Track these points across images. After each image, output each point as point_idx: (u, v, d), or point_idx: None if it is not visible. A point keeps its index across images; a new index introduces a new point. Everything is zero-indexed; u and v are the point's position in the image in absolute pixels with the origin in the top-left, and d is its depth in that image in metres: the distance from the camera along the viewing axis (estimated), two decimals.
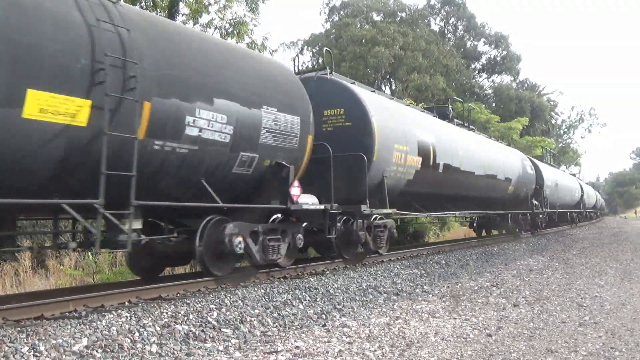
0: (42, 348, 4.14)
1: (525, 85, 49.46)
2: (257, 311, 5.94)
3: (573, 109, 68.00)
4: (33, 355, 4.04)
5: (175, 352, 4.56)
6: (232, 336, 5.17)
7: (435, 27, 44.02)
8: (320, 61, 32.76)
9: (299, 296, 6.82)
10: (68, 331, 4.51)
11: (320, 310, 6.48)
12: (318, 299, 6.91)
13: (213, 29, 14.47)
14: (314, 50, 36.16)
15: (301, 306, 6.48)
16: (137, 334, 4.73)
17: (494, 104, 42.67)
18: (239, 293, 6.45)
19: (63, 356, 4.13)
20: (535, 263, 12.49)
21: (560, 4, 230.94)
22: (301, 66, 16.74)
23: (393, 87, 33.51)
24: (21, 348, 4.08)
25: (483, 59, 47.56)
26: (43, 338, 4.31)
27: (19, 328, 4.50)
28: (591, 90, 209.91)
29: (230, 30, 14.15)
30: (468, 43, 46.17)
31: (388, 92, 28.34)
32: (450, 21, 46.31)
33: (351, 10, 37.12)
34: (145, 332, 4.79)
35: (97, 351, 4.29)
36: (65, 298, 5.47)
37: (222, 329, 5.29)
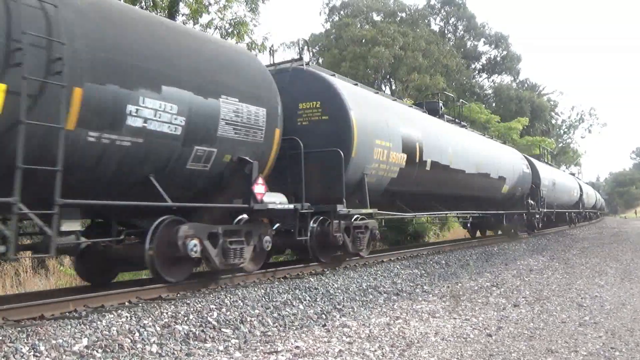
0: (42, 348, 4.14)
1: (525, 85, 49.50)
2: (257, 311, 5.94)
3: (573, 109, 67.88)
4: (33, 355, 4.04)
5: (175, 352, 4.57)
6: (232, 336, 5.18)
7: (435, 27, 44.08)
8: (320, 61, 32.80)
9: (299, 296, 6.82)
10: (68, 331, 4.51)
11: (320, 310, 6.48)
12: (318, 299, 6.91)
13: (213, 29, 14.49)
14: (314, 50, 36.18)
15: (301, 306, 6.49)
16: (137, 334, 4.73)
17: (494, 104, 42.68)
18: (239, 293, 6.45)
19: (63, 356, 4.13)
20: (535, 263, 12.49)
21: (560, 4, 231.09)
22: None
23: (393, 87, 33.52)
24: (21, 348, 4.08)
25: (483, 59, 47.64)
26: (43, 338, 4.31)
27: (19, 328, 4.50)
28: (591, 90, 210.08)
29: (230, 30, 14.16)
30: (468, 43, 46.20)
31: (388, 92, 28.36)
32: (450, 21, 46.36)
33: (351, 10, 37.13)
34: (145, 332, 4.80)
35: (97, 351, 4.30)
36: (65, 298, 5.45)
37: (222, 329, 5.29)
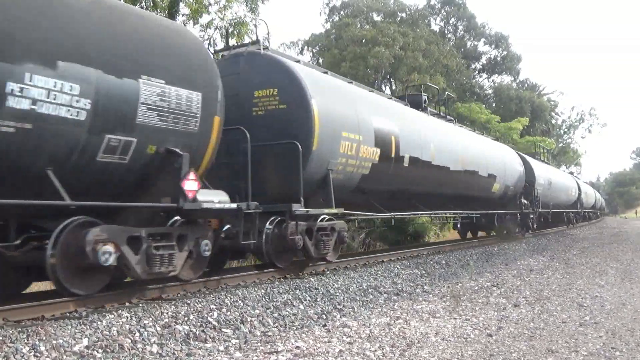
0: (43, 348, 4.14)
1: (525, 85, 49.48)
2: (258, 311, 5.94)
3: (573, 109, 67.81)
4: (33, 355, 4.04)
5: (175, 352, 4.57)
6: (233, 336, 5.18)
7: (435, 27, 44.03)
8: (320, 61, 32.79)
9: (300, 296, 6.82)
10: (68, 331, 4.51)
11: (320, 310, 6.49)
12: (318, 299, 6.91)
13: (213, 29, 14.51)
14: (314, 50, 36.18)
15: (301, 306, 6.49)
16: (138, 334, 4.73)
17: (494, 104, 42.67)
18: (239, 293, 6.45)
19: (63, 356, 4.13)
20: (535, 263, 12.50)
21: (560, 4, 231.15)
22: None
23: (393, 87, 33.51)
24: (22, 348, 4.08)
25: (483, 59, 47.57)
26: (43, 338, 4.31)
27: (20, 328, 4.50)
28: (591, 90, 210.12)
29: (230, 30, 14.16)
30: (468, 43, 46.17)
31: (388, 92, 28.34)
32: (450, 21, 46.32)
33: (351, 10, 37.10)
34: (145, 333, 4.80)
35: (98, 351, 4.30)
36: (65, 299, 5.44)
37: (223, 329, 5.29)
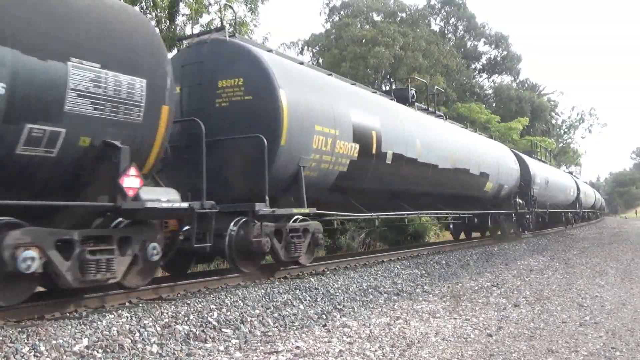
0: (43, 348, 4.15)
1: (525, 85, 49.49)
2: (258, 311, 5.94)
3: (573, 109, 67.98)
4: (34, 355, 4.04)
5: (175, 352, 4.57)
6: (233, 336, 5.18)
7: (435, 27, 44.05)
8: (320, 61, 32.78)
9: (300, 296, 6.82)
10: (68, 331, 4.51)
11: (320, 310, 6.49)
12: (318, 299, 6.91)
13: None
14: (315, 50, 36.18)
15: (302, 306, 6.49)
16: (138, 334, 4.73)
17: (494, 104, 42.67)
18: (240, 293, 6.45)
19: (63, 356, 4.13)
20: (535, 263, 12.50)
21: (560, 4, 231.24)
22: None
23: (393, 87, 33.49)
24: (22, 348, 4.08)
25: (483, 59, 47.60)
26: (44, 338, 4.31)
27: (20, 328, 4.50)
28: (591, 90, 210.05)
29: (230, 30, 14.15)
30: (468, 43, 46.18)
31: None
32: (450, 21, 46.33)
33: (351, 10, 37.11)
34: (145, 333, 4.80)
35: (98, 351, 4.30)
36: (65, 299, 5.46)
37: (223, 329, 5.29)
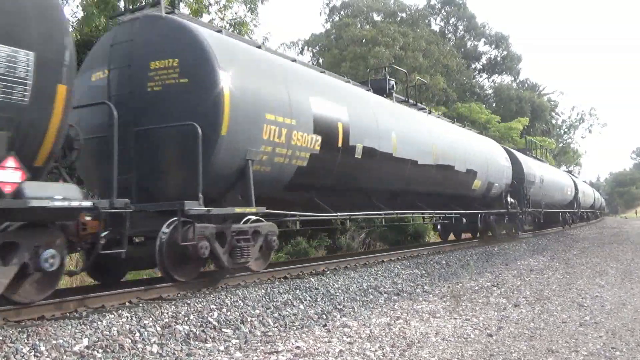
0: (43, 348, 4.15)
1: (525, 85, 49.53)
2: (258, 311, 5.94)
3: (573, 109, 68.35)
4: (34, 355, 4.04)
5: (175, 352, 4.57)
6: (233, 336, 5.18)
7: (435, 27, 44.11)
8: (320, 61, 32.77)
9: (300, 296, 6.82)
10: (69, 331, 4.52)
11: (320, 310, 6.49)
12: (319, 299, 6.91)
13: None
14: (315, 50, 36.19)
15: (302, 306, 6.49)
16: (138, 334, 4.73)
17: (495, 104, 42.69)
18: (240, 293, 6.45)
19: (64, 356, 4.13)
20: (535, 263, 12.50)
21: (560, 4, 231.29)
22: None
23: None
24: (22, 348, 4.08)
25: (483, 59, 47.67)
26: (44, 338, 4.31)
27: (20, 328, 4.50)
28: (591, 90, 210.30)
29: (230, 30, 14.17)
30: (468, 43, 46.24)
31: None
32: (450, 21, 46.38)
33: (351, 10, 37.14)
34: (145, 333, 4.80)
35: (98, 351, 4.30)
36: (65, 298, 5.45)
37: (223, 329, 5.29)
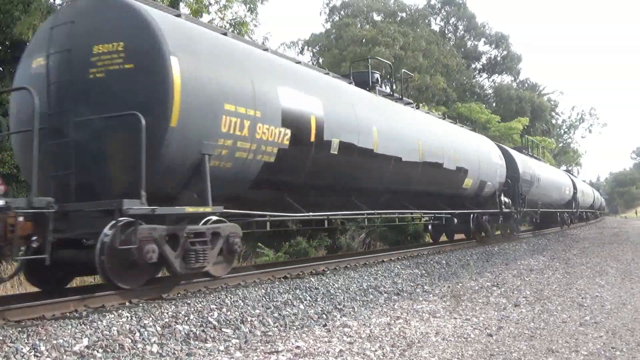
0: (43, 348, 4.14)
1: (525, 85, 49.51)
2: (258, 311, 5.94)
3: (573, 109, 68.14)
4: (34, 355, 4.04)
5: (176, 352, 4.56)
6: (233, 336, 5.18)
7: (435, 27, 44.11)
8: (320, 61, 32.75)
9: (300, 296, 6.82)
10: (69, 331, 4.51)
11: (320, 310, 6.48)
12: (319, 299, 6.91)
13: None
14: (315, 50, 36.19)
15: (302, 306, 6.49)
16: (138, 334, 4.73)
17: (495, 104, 42.69)
18: (240, 293, 6.45)
19: (64, 356, 4.13)
20: (535, 263, 12.49)
21: (560, 4, 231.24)
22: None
23: (394, 87, 33.53)
24: (22, 348, 4.08)
25: (483, 59, 47.65)
26: (44, 338, 4.31)
27: (20, 328, 4.50)
28: (591, 90, 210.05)
29: (230, 30, 14.17)
30: (468, 43, 46.23)
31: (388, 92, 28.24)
32: (450, 21, 46.39)
33: (351, 10, 37.16)
34: (146, 332, 4.80)
35: (98, 351, 4.30)
36: (65, 298, 5.45)
37: (223, 329, 5.29)
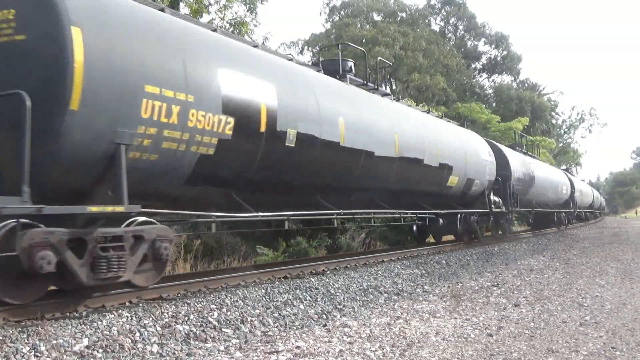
0: (43, 348, 4.14)
1: (525, 85, 49.48)
2: (258, 311, 5.94)
3: (574, 109, 68.09)
4: (34, 355, 4.04)
5: (176, 352, 4.57)
6: (233, 336, 5.18)
7: (435, 27, 44.08)
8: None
9: (300, 296, 6.82)
10: (69, 331, 4.51)
11: (320, 310, 6.49)
12: (319, 299, 6.91)
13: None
14: (314, 50, 36.18)
15: (302, 306, 6.49)
16: (138, 334, 4.73)
17: (495, 104, 42.68)
18: (240, 293, 6.45)
19: (64, 356, 4.13)
20: (535, 263, 12.49)
21: (560, 4, 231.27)
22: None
23: (393, 87, 33.53)
24: (22, 348, 4.08)
25: (483, 59, 47.60)
26: (44, 338, 4.31)
27: (20, 328, 4.50)
28: (591, 90, 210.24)
29: (230, 30, 14.17)
30: (468, 43, 46.20)
31: (388, 92, 28.28)
32: (450, 21, 46.34)
33: (351, 10, 37.16)
34: (146, 332, 4.80)
35: (98, 351, 4.30)
36: (65, 298, 5.45)
37: (223, 329, 5.29)
